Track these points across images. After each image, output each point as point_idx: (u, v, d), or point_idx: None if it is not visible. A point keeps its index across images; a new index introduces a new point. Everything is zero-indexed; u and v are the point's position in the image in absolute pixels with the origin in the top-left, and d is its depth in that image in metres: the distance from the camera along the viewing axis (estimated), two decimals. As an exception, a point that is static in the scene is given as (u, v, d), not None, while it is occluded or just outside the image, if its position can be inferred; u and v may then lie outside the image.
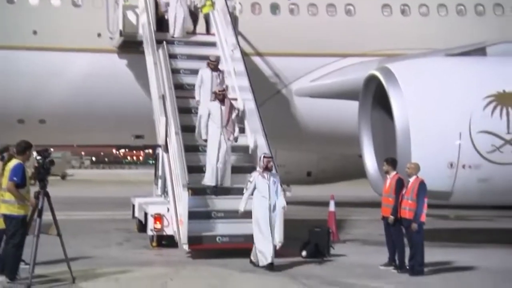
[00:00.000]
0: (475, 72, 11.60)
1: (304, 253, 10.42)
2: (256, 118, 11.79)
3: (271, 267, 9.23)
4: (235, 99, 11.80)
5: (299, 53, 14.54)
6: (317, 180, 22.15)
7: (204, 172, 10.94)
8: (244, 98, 12.12)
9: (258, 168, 9.73)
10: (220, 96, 11.06)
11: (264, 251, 9.31)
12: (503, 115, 10.95)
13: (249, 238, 10.29)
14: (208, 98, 11.45)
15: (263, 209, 9.42)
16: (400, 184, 9.53)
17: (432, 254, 10.21)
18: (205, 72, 11.76)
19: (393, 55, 13.98)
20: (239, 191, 10.30)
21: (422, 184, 9.24)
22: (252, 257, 9.51)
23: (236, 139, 11.11)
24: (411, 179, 9.37)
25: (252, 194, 9.54)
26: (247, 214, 10.47)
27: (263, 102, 13.44)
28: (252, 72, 13.10)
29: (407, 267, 9.30)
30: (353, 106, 13.28)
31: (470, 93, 11.14)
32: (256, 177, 9.54)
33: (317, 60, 14.63)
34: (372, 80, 12.25)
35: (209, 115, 10.95)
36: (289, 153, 20.21)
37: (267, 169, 9.58)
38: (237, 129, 11.13)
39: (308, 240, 10.57)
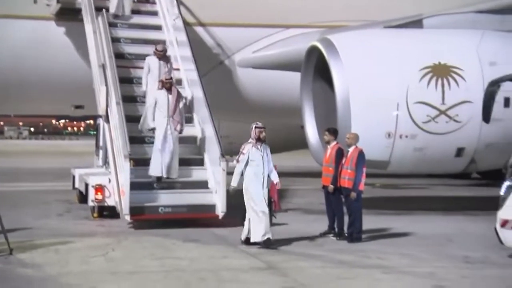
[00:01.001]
0: (412, 44, 11.84)
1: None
2: (199, 90, 11.72)
3: (269, 242, 8.65)
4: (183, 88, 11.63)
5: (242, 24, 14.46)
6: (260, 150, 22.22)
7: (146, 142, 10.84)
8: (186, 69, 12.01)
9: (250, 140, 9.09)
10: (167, 85, 10.76)
11: (260, 227, 8.68)
12: (438, 86, 11.26)
13: (192, 209, 10.33)
14: (156, 87, 11.11)
15: (258, 184, 8.83)
16: (340, 154, 9.69)
17: (370, 221, 10.47)
18: (152, 61, 11.40)
19: (334, 26, 14.08)
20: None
21: (361, 154, 9.42)
22: (243, 237, 8.90)
23: (181, 131, 10.80)
24: (351, 149, 9.54)
25: (245, 167, 8.89)
26: (187, 184, 10.48)
27: (206, 73, 13.35)
28: (195, 43, 12.96)
29: (346, 235, 9.52)
30: (295, 77, 13.37)
31: (407, 64, 11.39)
32: (250, 149, 8.95)
33: (260, 30, 14.59)
34: (313, 51, 12.34)
35: (155, 104, 10.67)
36: (233, 124, 20.20)
37: (259, 140, 9.04)
38: (183, 120, 10.85)
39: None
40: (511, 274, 7.37)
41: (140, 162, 10.61)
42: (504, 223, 8.04)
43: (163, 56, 11.42)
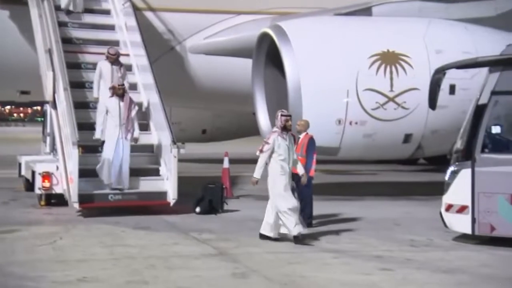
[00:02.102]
0: (361, 32, 11.98)
1: (198, 209, 10.51)
2: (149, 76, 11.60)
3: (300, 238, 8.17)
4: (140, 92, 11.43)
5: (193, 9, 14.34)
6: (212, 137, 22.25)
7: (95, 129, 10.68)
8: (136, 54, 11.86)
9: (275, 128, 8.47)
10: (120, 91, 10.31)
11: (291, 224, 8.12)
12: (386, 74, 11.44)
13: (143, 196, 10.25)
14: (107, 94, 10.64)
15: (286, 177, 8.27)
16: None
17: (321, 207, 10.63)
18: (104, 65, 10.92)
19: (285, 13, 14.11)
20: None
21: (311, 140, 9.51)
22: (265, 231, 8.39)
23: (136, 140, 10.43)
24: (301, 136, 9.62)
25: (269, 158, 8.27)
26: (138, 171, 10.37)
27: (157, 58, 13.22)
28: (145, 28, 12.80)
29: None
30: (246, 63, 13.37)
31: (357, 52, 11.52)
32: (276, 138, 8.28)
33: (211, 16, 14.50)
34: (264, 38, 12.35)
35: (107, 112, 10.27)
36: (184, 111, 20.11)
37: (285, 129, 8.38)
38: (137, 129, 10.44)
39: (202, 196, 10.64)
40: (454, 256, 7.56)
41: (89, 149, 10.45)
42: (449, 208, 8.28)
43: (115, 60, 10.96)
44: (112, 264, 6.96)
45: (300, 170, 8.71)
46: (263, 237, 8.38)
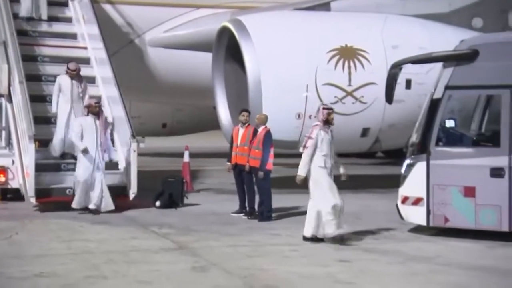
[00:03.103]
0: (320, 27, 12.07)
1: (158, 203, 10.46)
2: (108, 69, 11.46)
3: (342, 237, 7.84)
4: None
5: (152, 3, 14.23)
6: (172, 131, 22.14)
7: (51, 123, 10.52)
8: (94, 47, 11.69)
9: (316, 122, 8.06)
10: (96, 109, 9.86)
11: (333, 223, 7.76)
12: (345, 68, 11.57)
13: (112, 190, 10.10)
14: (66, 110, 10.24)
15: (329, 173, 7.90)
16: (254, 135, 9.79)
17: (281, 200, 10.69)
18: (63, 80, 10.43)
19: (245, 7, 14.11)
20: None
21: (267, 134, 9.54)
22: (307, 233, 7.93)
23: (110, 160, 10.11)
24: (259, 129, 9.65)
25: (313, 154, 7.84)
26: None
27: (116, 51, 13.06)
28: (104, 21, 12.64)
29: (257, 213, 9.67)
30: (206, 57, 13.32)
31: (316, 46, 11.61)
32: (318, 133, 7.86)
33: (170, 10, 14.41)
34: (224, 32, 12.34)
35: (82, 131, 9.75)
36: (144, 105, 19.93)
37: (327, 122, 8.01)
38: (112, 148, 10.15)
39: (162, 190, 10.61)
40: (410, 247, 7.68)
41: (45, 143, 10.27)
42: (405, 200, 8.41)
43: (76, 76, 10.51)
44: (70, 259, 6.87)
45: (342, 169, 8.34)
46: (307, 239, 7.89)
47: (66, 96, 10.37)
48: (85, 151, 9.71)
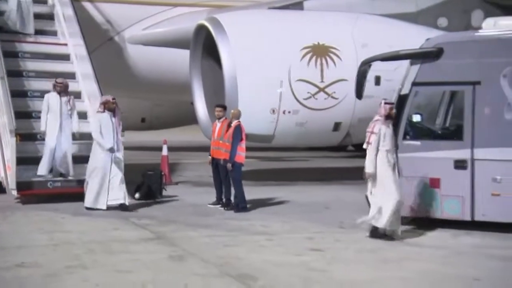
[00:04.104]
0: (294, 25, 12.08)
1: (137, 195, 10.39)
2: (88, 65, 11.33)
3: (394, 234, 7.50)
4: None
5: (130, 1, 14.10)
6: (151, 126, 22.02)
7: (32, 117, 10.35)
8: (74, 44, 11.55)
9: (377, 117, 7.62)
10: (113, 106, 9.42)
11: (394, 218, 7.46)
12: (317, 65, 11.59)
13: (81, 183, 10.00)
14: (56, 127, 9.80)
15: (391, 167, 7.49)
16: (238, 130, 9.74)
17: (256, 192, 10.72)
18: (52, 97, 9.93)
19: (221, 6, 14.07)
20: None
21: (237, 128, 9.51)
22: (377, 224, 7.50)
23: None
24: (233, 124, 9.63)
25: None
26: (76, 159, 10.09)
27: (95, 48, 12.93)
28: (84, 18, 12.48)
29: (233, 205, 9.65)
30: (184, 54, 13.25)
31: (289, 44, 11.62)
32: (381, 127, 7.51)
33: (149, 8, 14.31)
34: (201, 30, 12.28)
35: (100, 128, 9.26)
36: (124, 100, 19.70)
37: (389, 117, 7.63)
38: (121, 145, 9.56)
39: (142, 182, 10.55)
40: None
41: (26, 137, 10.11)
42: (374, 191, 8.47)
43: (63, 91, 10.00)
44: (51, 250, 6.79)
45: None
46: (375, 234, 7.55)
47: (55, 114, 9.88)
48: (111, 150, 9.24)
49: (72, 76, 11.21)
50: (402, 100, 8.27)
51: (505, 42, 7.94)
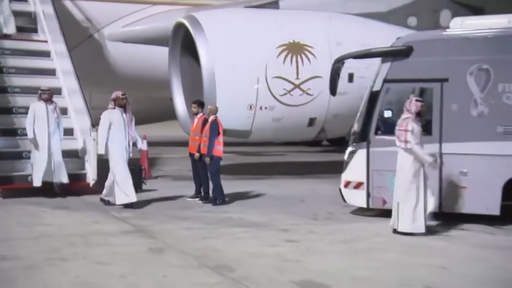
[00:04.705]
0: (270, 23, 12.09)
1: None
2: (68, 62, 11.21)
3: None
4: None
5: (110, -1, 14.03)
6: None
7: (13, 113, 10.21)
8: (54, 40, 11.43)
9: (408, 114, 7.41)
10: (123, 102, 9.17)
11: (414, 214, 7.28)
12: (293, 62, 11.63)
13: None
14: (45, 136, 9.52)
15: (419, 164, 7.32)
16: (205, 124, 9.75)
17: (234, 185, 10.74)
18: (38, 107, 9.63)
19: (199, 5, 14.03)
20: None
21: (213, 123, 9.51)
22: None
23: (140, 149, 9.60)
24: (209, 119, 9.63)
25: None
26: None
27: (75, 45, 12.80)
28: (64, 16, 12.35)
29: (211, 198, 9.65)
30: (163, 51, 13.19)
31: (266, 42, 11.64)
32: (415, 125, 7.34)
33: (128, 6, 14.21)
34: (180, 28, 12.24)
35: (111, 124, 9.02)
36: (105, 96, 19.54)
37: (419, 114, 7.46)
38: (139, 138, 9.45)
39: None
40: (352, 228, 7.82)
41: (7, 132, 9.98)
42: (347, 184, 8.54)
43: (49, 99, 9.72)
44: (32, 243, 6.72)
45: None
46: (397, 232, 7.38)
47: (43, 123, 9.56)
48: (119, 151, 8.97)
49: (52, 72, 11.10)
50: (373, 96, 8.33)
51: (471, 40, 8.05)
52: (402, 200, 7.32)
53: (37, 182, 9.50)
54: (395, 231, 7.41)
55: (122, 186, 8.92)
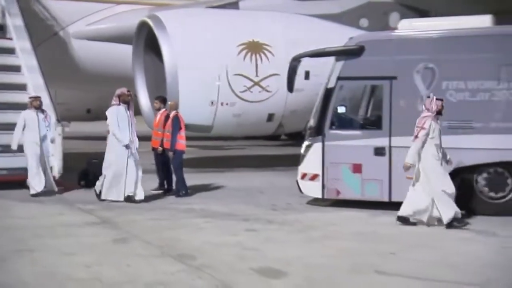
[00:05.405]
0: (231, 23, 12.09)
1: (82, 182, 10.19)
2: (33, 58, 10.97)
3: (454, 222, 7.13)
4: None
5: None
6: (96, 116, 21.57)
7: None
8: (19, 38, 11.17)
9: (427, 112, 7.25)
10: (128, 98, 8.91)
11: (448, 206, 7.13)
12: (252, 61, 11.67)
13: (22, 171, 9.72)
14: (35, 141, 9.29)
15: (440, 161, 7.21)
16: (168, 119, 9.71)
17: (196, 178, 10.73)
18: (28, 115, 9.38)
19: (162, 4, 13.91)
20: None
21: (174, 118, 9.48)
22: (406, 214, 7.30)
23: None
24: (171, 115, 9.59)
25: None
26: (23, 148, 9.78)
27: (40, 43, 12.52)
28: (29, 14, 12.06)
29: (174, 190, 9.62)
30: (127, 49, 13.03)
31: (227, 41, 11.64)
32: (431, 123, 7.17)
33: (93, 5, 13.98)
34: (143, 26, 12.12)
35: (117, 121, 8.75)
36: (70, 91, 19.26)
37: (439, 113, 7.29)
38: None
39: (86, 170, 10.35)
40: (308, 217, 7.91)
41: None
42: (303, 176, 8.64)
43: (39, 107, 9.47)
44: (-1, 235, 6.60)
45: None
46: (402, 219, 7.33)
47: (33, 132, 9.30)
48: (127, 147, 8.71)
49: (17, 69, 10.84)
50: (328, 93, 8.43)
51: (418, 41, 8.23)
52: (434, 194, 7.13)
53: (32, 191, 9.20)
54: (402, 219, 7.21)
55: (107, 181, 8.72)
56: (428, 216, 7.24)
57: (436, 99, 7.33)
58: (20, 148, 9.86)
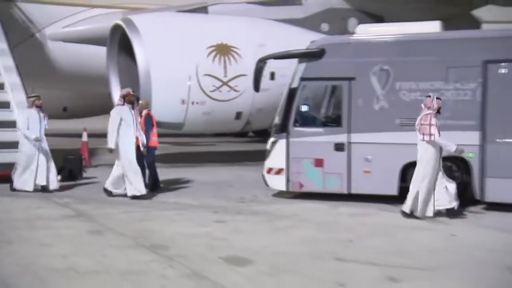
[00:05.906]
0: (200, 26, 12.05)
1: (59, 177, 9.98)
2: (9, 59, 10.73)
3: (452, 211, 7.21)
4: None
5: (51, 1, 13.47)
6: (72, 114, 21.27)
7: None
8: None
9: (429, 110, 7.13)
10: (133, 98, 8.71)
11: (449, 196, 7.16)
12: (221, 62, 11.65)
13: (6, 166, 9.52)
14: (36, 143, 9.05)
15: (439, 155, 7.16)
16: (149, 119, 9.59)
17: (169, 173, 10.67)
18: (31, 114, 9.17)
19: (135, 8, 13.76)
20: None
21: (147, 116, 9.40)
22: (407, 209, 7.25)
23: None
24: (143, 113, 9.51)
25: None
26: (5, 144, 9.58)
27: (17, 44, 12.24)
28: (6, 16, 11.77)
29: (147, 184, 9.53)
30: (102, 50, 12.85)
31: (197, 43, 11.60)
32: (436, 120, 7.10)
33: (68, 8, 13.75)
34: (117, 29, 11.98)
35: (121, 120, 8.54)
36: (46, 90, 18.85)
37: (438, 112, 7.21)
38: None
39: (63, 166, 10.18)
40: (273, 208, 7.97)
41: None
42: (269, 170, 8.68)
43: (40, 106, 9.25)
44: (-23, 229, 6.43)
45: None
46: (406, 215, 7.26)
47: (34, 129, 9.08)
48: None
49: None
50: (292, 93, 8.50)
51: (374, 45, 8.35)
52: (422, 188, 7.12)
53: (29, 187, 8.97)
54: (406, 214, 7.21)
55: (133, 180, 8.51)
56: (432, 208, 7.17)
57: (437, 97, 7.23)
58: (2, 145, 9.64)
